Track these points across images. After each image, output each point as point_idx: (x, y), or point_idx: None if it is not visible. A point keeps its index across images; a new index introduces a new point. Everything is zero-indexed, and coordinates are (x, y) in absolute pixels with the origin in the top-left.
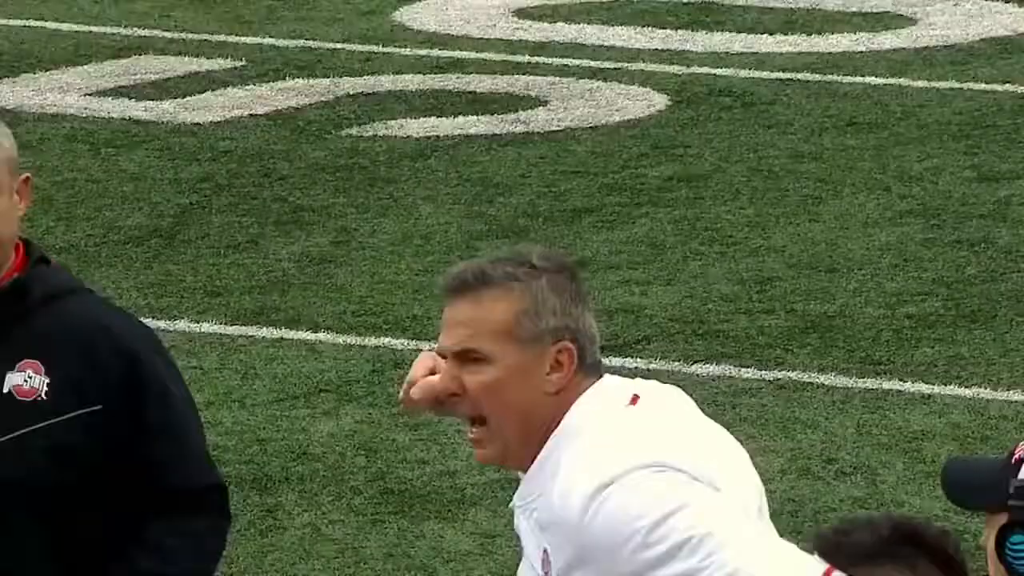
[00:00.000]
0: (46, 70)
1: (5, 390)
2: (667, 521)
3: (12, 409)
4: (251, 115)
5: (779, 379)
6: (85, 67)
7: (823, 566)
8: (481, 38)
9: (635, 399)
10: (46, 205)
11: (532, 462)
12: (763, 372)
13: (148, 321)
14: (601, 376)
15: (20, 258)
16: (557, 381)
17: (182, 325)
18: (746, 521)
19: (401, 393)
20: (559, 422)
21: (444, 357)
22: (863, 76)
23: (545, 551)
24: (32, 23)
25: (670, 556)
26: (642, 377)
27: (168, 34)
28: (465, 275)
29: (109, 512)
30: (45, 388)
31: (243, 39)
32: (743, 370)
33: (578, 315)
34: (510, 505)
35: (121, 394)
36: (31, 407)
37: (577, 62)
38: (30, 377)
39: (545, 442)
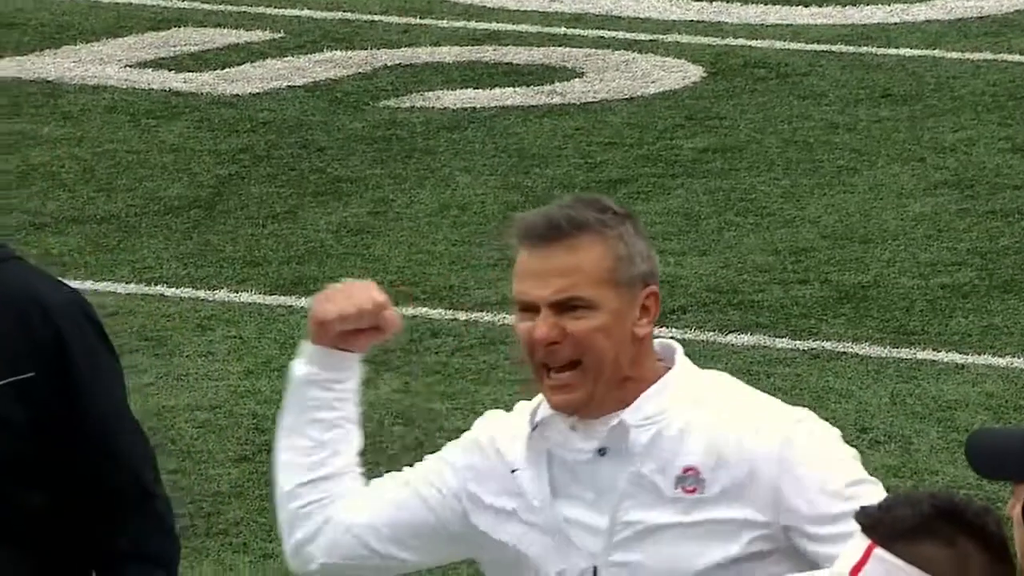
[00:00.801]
0: (87, 42)
1: None
2: (851, 456)
3: None
4: (289, 86)
5: (813, 349)
6: (125, 39)
7: (866, 541)
8: (517, 10)
9: None
10: (87, 175)
11: (611, 405)
12: (797, 342)
13: (187, 291)
14: None
15: None
16: (646, 325)
17: (221, 295)
18: None
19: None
20: (641, 364)
21: (526, 308)
22: (897, 48)
23: (693, 468)
24: None
25: (852, 483)
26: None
27: (207, 6)
28: (557, 222)
29: (51, 482)
30: None
31: (281, 11)
32: (777, 340)
33: (655, 260)
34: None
35: (52, 361)
36: None
37: (613, 34)
38: None
39: (625, 385)
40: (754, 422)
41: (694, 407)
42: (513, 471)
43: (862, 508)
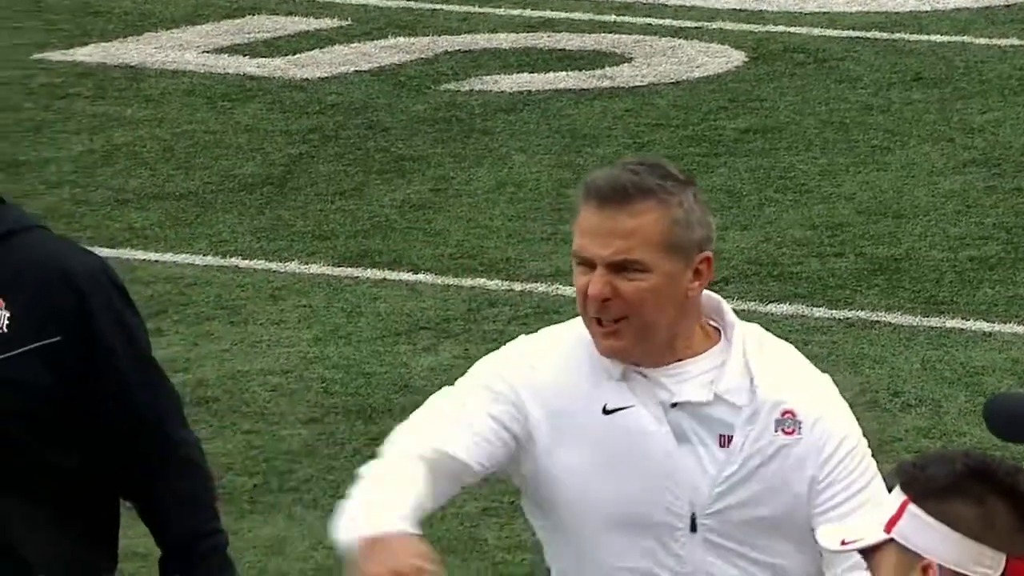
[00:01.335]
0: (167, 29)
1: None
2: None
3: None
4: (356, 71)
5: (849, 318)
6: (203, 26)
7: (902, 496)
8: None
9: None
10: (167, 154)
11: (664, 356)
12: (834, 311)
13: (260, 263)
14: None
15: None
16: (698, 288)
17: (292, 267)
18: None
19: None
20: (695, 321)
21: (583, 263)
22: (928, 34)
23: (791, 412)
24: None
25: (867, 461)
26: None
27: None
28: (621, 185)
29: (83, 443)
30: (6, 321)
31: (349, 0)
32: (815, 309)
33: (711, 225)
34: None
35: (78, 325)
36: None
37: (660, 21)
38: None
39: (676, 342)
40: (807, 366)
41: (759, 352)
42: (611, 410)
43: (901, 464)
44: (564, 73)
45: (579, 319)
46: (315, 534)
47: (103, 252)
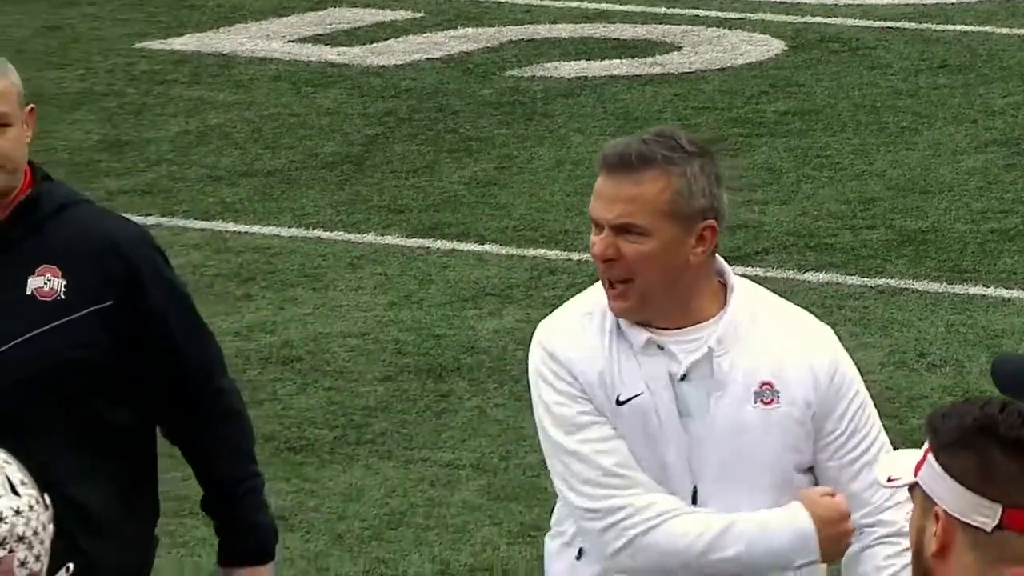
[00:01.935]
0: (255, 21)
1: (28, 292)
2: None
3: (36, 309)
4: (428, 59)
5: (879, 285)
6: (288, 18)
7: (927, 445)
8: None
9: None
10: (255, 135)
11: (675, 318)
12: (865, 279)
13: (340, 234)
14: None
15: (28, 177)
16: (700, 254)
17: (369, 238)
18: None
19: None
20: (704, 287)
21: (596, 225)
22: (953, 24)
23: (768, 384)
24: None
25: (872, 407)
26: (761, 283)
27: None
28: (628, 155)
29: (137, 398)
30: (63, 289)
31: None
32: (848, 278)
33: (720, 195)
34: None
35: (127, 289)
36: (52, 306)
37: (706, 13)
38: (49, 280)
39: (686, 305)
40: (808, 332)
41: (753, 323)
42: (625, 399)
43: (933, 412)
44: (618, 60)
45: (597, 290)
46: (389, 483)
47: (197, 224)
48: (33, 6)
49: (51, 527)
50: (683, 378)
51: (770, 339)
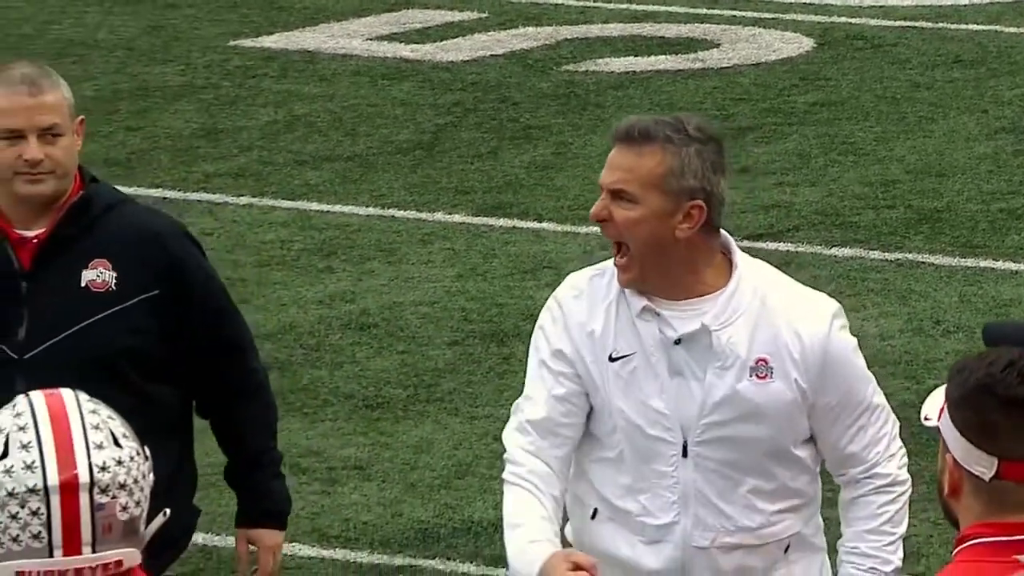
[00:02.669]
0: (337, 21)
1: (82, 284)
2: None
3: (91, 299)
4: (492, 55)
5: (899, 259)
6: (367, 18)
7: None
8: None
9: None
10: (337, 124)
11: (673, 291)
12: (886, 254)
13: (412, 213)
14: (720, 233)
15: (78, 181)
16: (685, 230)
17: (439, 216)
18: None
19: None
20: (701, 264)
21: (602, 190)
22: (966, 23)
23: (764, 360)
24: None
25: (868, 375)
26: (792, 259)
27: None
28: (633, 130)
29: (175, 376)
30: (114, 281)
31: None
32: (870, 252)
33: (715, 181)
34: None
35: (171, 279)
36: (105, 296)
37: (743, 13)
38: (101, 273)
39: (684, 278)
40: (806, 311)
41: (757, 302)
42: (618, 357)
43: (953, 364)
44: (663, 56)
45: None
46: (456, 436)
47: (285, 204)
48: (140, 7)
49: (151, 476)
50: (677, 342)
51: (770, 316)
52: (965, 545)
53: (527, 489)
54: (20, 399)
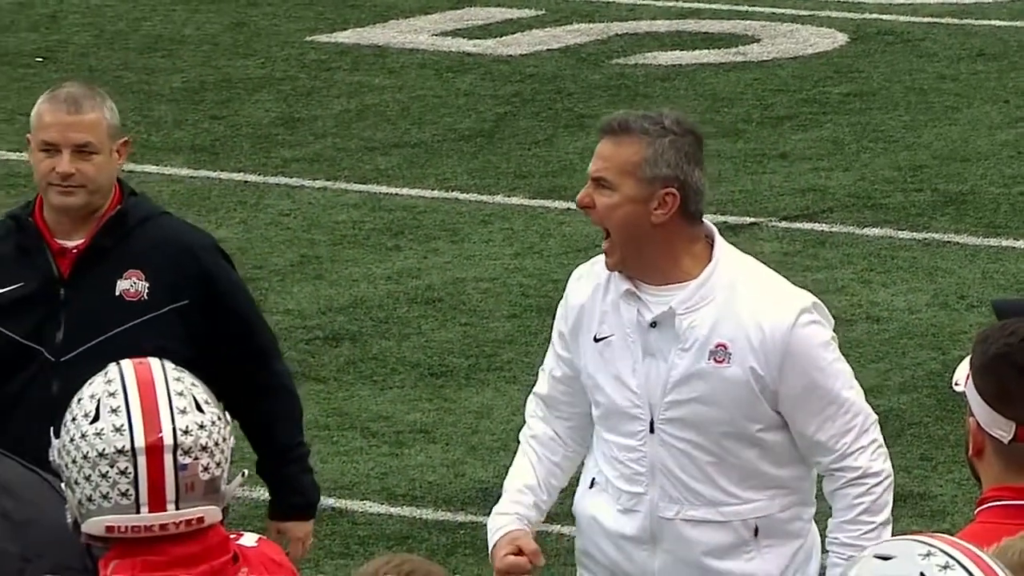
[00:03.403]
0: (405, 18)
1: (116, 293)
2: (833, 341)
3: (124, 308)
4: (548, 49)
5: (926, 239)
6: (432, 15)
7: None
8: None
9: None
10: (405, 113)
11: (653, 275)
12: (914, 234)
13: (474, 195)
14: (702, 222)
15: (117, 193)
16: (660, 216)
17: (498, 199)
18: None
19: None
20: (679, 251)
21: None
22: (990, 20)
23: (723, 344)
24: None
25: (837, 370)
26: (826, 238)
27: None
28: (615, 123)
29: (208, 381)
30: (146, 291)
31: None
32: (900, 232)
33: (689, 171)
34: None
35: (202, 290)
36: (137, 305)
37: (782, 10)
38: (135, 283)
39: (663, 264)
40: (774, 302)
41: (729, 291)
42: (600, 338)
43: (977, 333)
44: (707, 51)
45: None
46: (514, 403)
47: (356, 187)
48: (223, 5)
49: (232, 440)
50: (653, 325)
51: (737, 305)
52: (985, 507)
53: (525, 453)
54: (112, 367)
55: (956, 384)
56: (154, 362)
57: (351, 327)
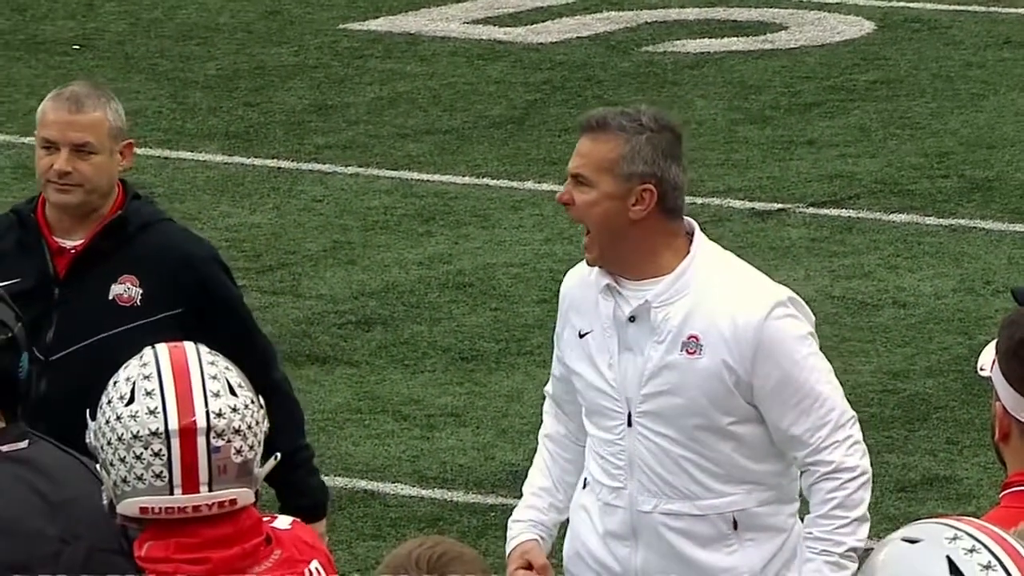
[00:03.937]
0: (436, 6)
1: (110, 297)
2: (810, 336)
3: (115, 312)
4: (578, 37)
5: (952, 225)
6: (464, 4)
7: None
8: None
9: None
10: (436, 100)
11: (632, 271)
12: (940, 220)
13: (504, 182)
14: (682, 218)
15: (120, 196)
16: (638, 212)
17: (528, 185)
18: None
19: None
20: (658, 247)
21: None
22: (1016, 8)
23: (695, 336)
24: None
25: (812, 364)
26: (853, 224)
27: None
28: (592, 120)
29: None
30: (140, 296)
31: None
32: (926, 218)
33: (666, 167)
34: (640, 303)
35: (197, 300)
36: (129, 311)
37: None
38: (128, 288)
39: (642, 259)
40: (747, 295)
41: (704, 284)
42: (584, 333)
43: (1003, 319)
44: (735, 38)
45: None
46: (543, 387)
47: (388, 174)
48: None
49: (265, 423)
50: (631, 319)
51: (711, 298)
52: (1010, 491)
53: (540, 454)
54: (147, 351)
55: (981, 369)
56: (188, 346)
57: (383, 312)
